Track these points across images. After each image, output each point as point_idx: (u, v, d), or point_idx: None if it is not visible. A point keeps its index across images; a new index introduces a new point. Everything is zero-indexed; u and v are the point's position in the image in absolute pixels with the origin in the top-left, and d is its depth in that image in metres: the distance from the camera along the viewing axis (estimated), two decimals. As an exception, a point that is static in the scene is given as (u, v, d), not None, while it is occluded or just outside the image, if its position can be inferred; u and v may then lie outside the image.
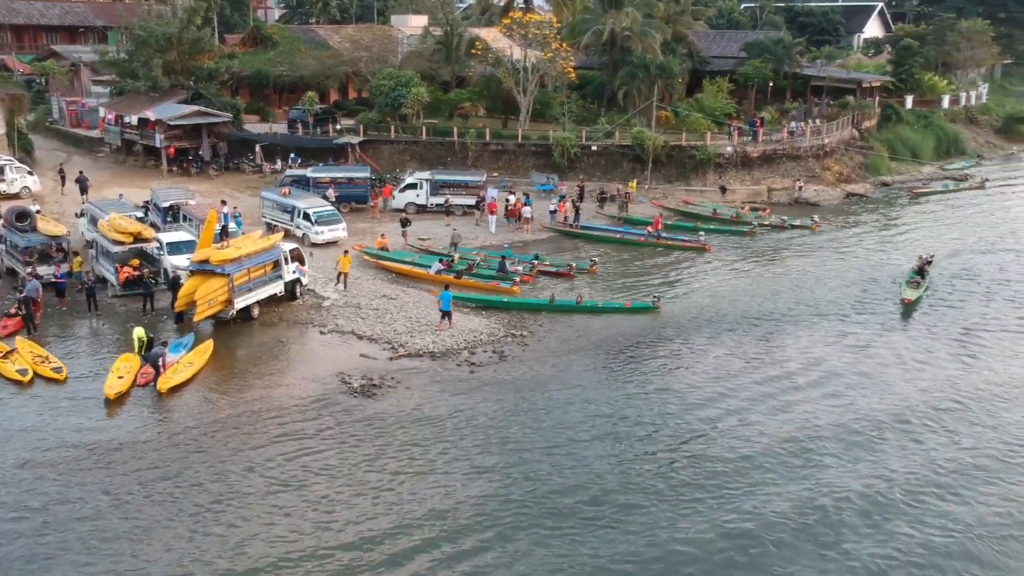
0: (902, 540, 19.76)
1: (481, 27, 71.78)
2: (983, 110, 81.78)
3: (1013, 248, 45.12)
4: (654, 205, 51.10)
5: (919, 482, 22.19)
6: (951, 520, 20.55)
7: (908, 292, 35.81)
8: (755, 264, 41.67)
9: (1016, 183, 63.83)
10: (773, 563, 18.93)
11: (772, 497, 21.32)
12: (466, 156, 55.71)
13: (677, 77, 60.93)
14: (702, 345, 31.24)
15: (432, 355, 29.63)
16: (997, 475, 22.61)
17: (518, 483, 21.85)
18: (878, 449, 23.90)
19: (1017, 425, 25.42)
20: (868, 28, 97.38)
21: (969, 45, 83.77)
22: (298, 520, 20.13)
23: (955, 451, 23.85)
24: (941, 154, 69.25)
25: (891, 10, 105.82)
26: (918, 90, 73.41)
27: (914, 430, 25.07)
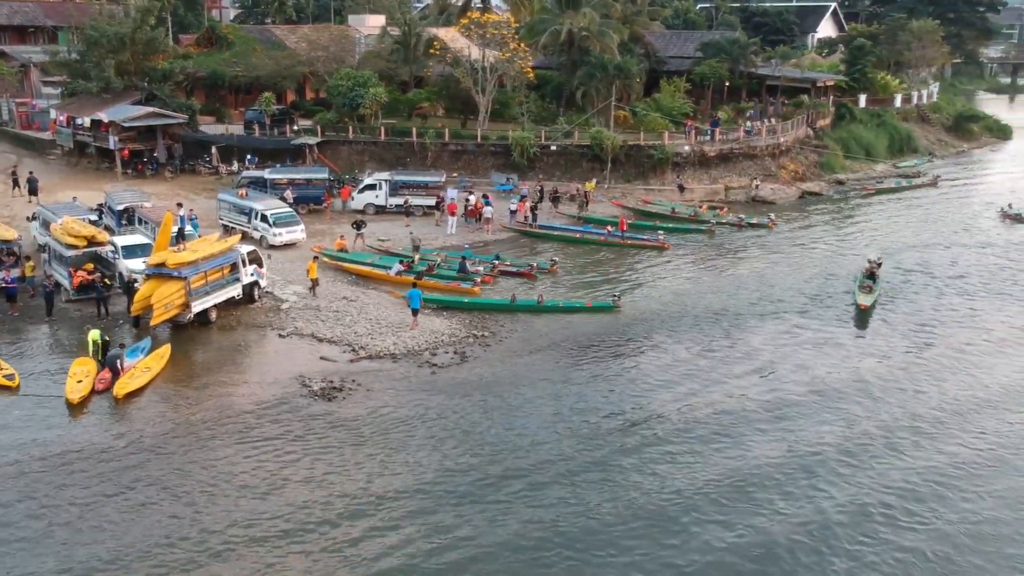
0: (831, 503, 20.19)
1: (439, 27, 71.62)
2: (934, 109, 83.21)
3: (965, 243, 45.97)
4: (613, 204, 51.34)
5: (847, 451, 22.67)
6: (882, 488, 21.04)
7: (862, 298, 35.36)
8: (713, 262, 42.04)
9: (967, 180, 65.09)
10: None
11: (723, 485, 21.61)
12: (425, 156, 55.58)
13: (635, 77, 61.28)
14: (662, 343, 31.44)
15: (393, 357, 29.51)
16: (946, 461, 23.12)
17: (481, 483, 21.86)
18: (820, 437, 24.29)
19: (970, 410, 26.01)
20: (822, 28, 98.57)
21: (920, 45, 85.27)
22: (262, 524, 19.94)
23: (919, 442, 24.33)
24: (894, 152, 70.34)
25: (844, 10, 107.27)
26: (871, 89, 74.43)
27: (861, 421, 25.53)
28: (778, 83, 68.29)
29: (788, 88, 68.51)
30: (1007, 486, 22.27)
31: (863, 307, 34.61)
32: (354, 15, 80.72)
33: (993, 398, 27.43)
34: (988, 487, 22.20)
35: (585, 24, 59.63)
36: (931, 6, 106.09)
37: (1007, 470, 23.07)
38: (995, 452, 23.97)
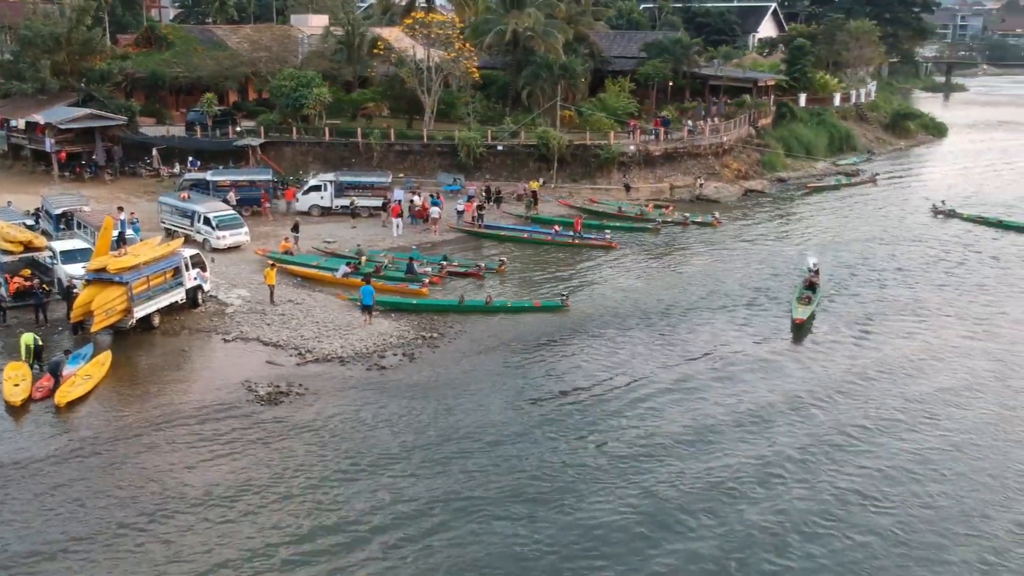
0: (791, 503, 20.51)
1: (383, 27, 71.24)
2: (872, 107, 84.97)
3: (904, 238, 47.03)
4: (560, 204, 51.57)
5: (807, 456, 23.03)
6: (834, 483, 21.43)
7: (799, 311, 33.56)
8: (660, 260, 42.44)
9: (905, 177, 66.63)
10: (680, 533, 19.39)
11: (676, 476, 21.77)
12: (371, 157, 55.24)
13: (580, 77, 61.62)
14: (610, 341, 31.62)
15: (341, 360, 29.27)
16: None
17: (428, 484, 21.75)
18: (771, 428, 24.60)
19: (915, 399, 26.57)
20: (762, 28, 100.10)
21: (858, 44, 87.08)
22: (210, 531, 19.63)
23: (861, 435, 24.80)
24: (834, 150, 71.72)
25: (784, 10, 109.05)
26: (811, 88, 75.79)
27: (809, 412, 25.93)
28: (720, 83, 69.16)
29: (730, 88, 69.43)
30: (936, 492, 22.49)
31: (798, 321, 32.78)
32: (296, 15, 79.92)
33: (935, 400, 28.03)
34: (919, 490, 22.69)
35: (530, 24, 59.80)
36: (868, 6, 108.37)
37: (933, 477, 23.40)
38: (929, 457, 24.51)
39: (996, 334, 32.90)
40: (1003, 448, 24.20)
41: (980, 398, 27.36)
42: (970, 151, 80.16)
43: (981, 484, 22.33)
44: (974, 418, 26.00)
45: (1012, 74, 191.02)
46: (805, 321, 32.95)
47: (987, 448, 24.18)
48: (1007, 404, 26.98)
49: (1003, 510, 21.21)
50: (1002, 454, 23.87)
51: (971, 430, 25.19)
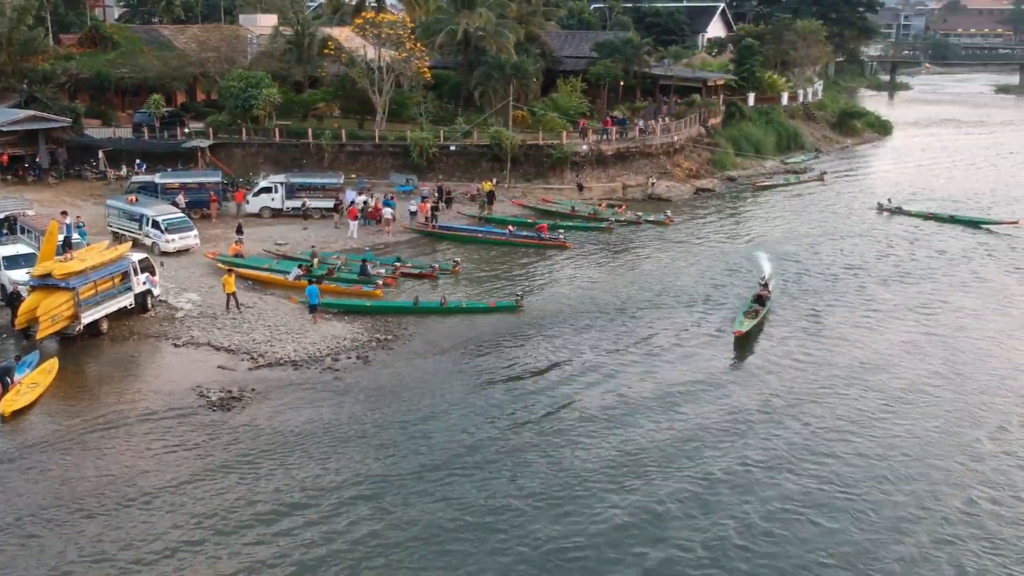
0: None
1: (333, 27, 70.70)
2: (819, 106, 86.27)
3: (851, 235, 47.76)
4: (514, 204, 51.62)
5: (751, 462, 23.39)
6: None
7: (743, 324, 32.21)
8: (613, 259, 42.69)
9: (852, 175, 67.75)
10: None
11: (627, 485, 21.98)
12: (322, 158, 54.82)
13: (532, 77, 61.73)
14: (564, 340, 31.71)
15: (294, 363, 29.00)
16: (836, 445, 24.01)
17: (385, 485, 21.64)
18: (740, 427, 24.94)
19: (873, 392, 27.05)
20: (711, 28, 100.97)
21: (805, 44, 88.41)
22: (162, 539, 19.33)
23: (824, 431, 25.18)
24: (782, 149, 72.67)
25: (732, 10, 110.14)
26: (759, 88, 76.73)
27: (768, 410, 26.30)
28: (671, 82, 69.73)
29: (681, 87, 70.04)
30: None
31: (737, 334, 31.31)
32: (245, 15, 79.01)
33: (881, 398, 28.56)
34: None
35: (481, 24, 59.77)
36: (814, 6, 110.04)
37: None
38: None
39: (944, 335, 33.49)
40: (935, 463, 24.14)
41: (925, 402, 27.86)
42: (915, 148, 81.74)
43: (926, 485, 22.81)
44: (916, 421, 26.45)
45: (954, 72, 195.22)
46: (747, 334, 31.49)
47: (926, 460, 24.13)
48: (950, 417, 27.38)
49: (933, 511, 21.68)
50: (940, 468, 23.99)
51: (913, 434, 25.64)
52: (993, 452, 24.10)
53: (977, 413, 26.44)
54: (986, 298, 37.43)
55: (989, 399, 27.38)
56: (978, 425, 25.70)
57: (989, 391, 28.00)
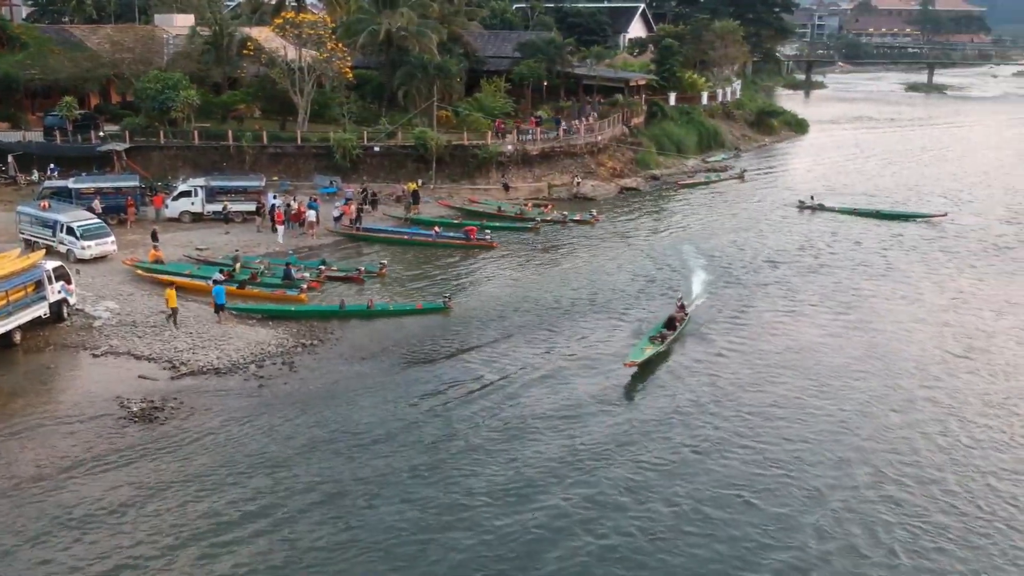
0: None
1: (252, 27, 69.43)
2: (738, 105, 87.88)
3: (773, 231, 48.92)
4: (440, 205, 51.46)
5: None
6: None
7: (642, 352, 29.51)
8: (540, 259, 42.87)
9: (771, 172, 69.24)
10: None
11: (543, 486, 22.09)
12: (243, 160, 53.87)
13: (455, 77, 61.54)
14: (493, 340, 31.75)
15: (217, 371, 28.43)
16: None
17: (308, 497, 21.35)
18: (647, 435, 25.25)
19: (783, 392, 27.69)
20: (632, 28, 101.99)
21: (723, 44, 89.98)
22: (85, 558, 18.75)
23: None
24: (703, 148, 73.80)
25: (652, 11, 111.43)
26: (680, 87, 77.80)
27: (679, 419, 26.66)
28: (594, 82, 70.25)
29: (603, 87, 70.61)
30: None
31: (629, 365, 28.60)
32: (160, 14, 77.09)
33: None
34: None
35: (403, 24, 59.39)
36: (731, 7, 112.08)
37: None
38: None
39: (860, 324, 34.53)
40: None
41: (841, 384, 28.66)
42: (830, 146, 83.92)
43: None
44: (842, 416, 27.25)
45: (866, 71, 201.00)
46: (638, 364, 28.69)
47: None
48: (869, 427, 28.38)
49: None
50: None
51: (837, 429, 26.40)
52: (899, 424, 25.72)
53: (888, 393, 27.73)
54: (901, 288, 38.84)
55: (900, 380, 28.73)
56: (887, 403, 27.08)
57: (901, 373, 29.30)
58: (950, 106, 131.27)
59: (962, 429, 25.50)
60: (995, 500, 21.79)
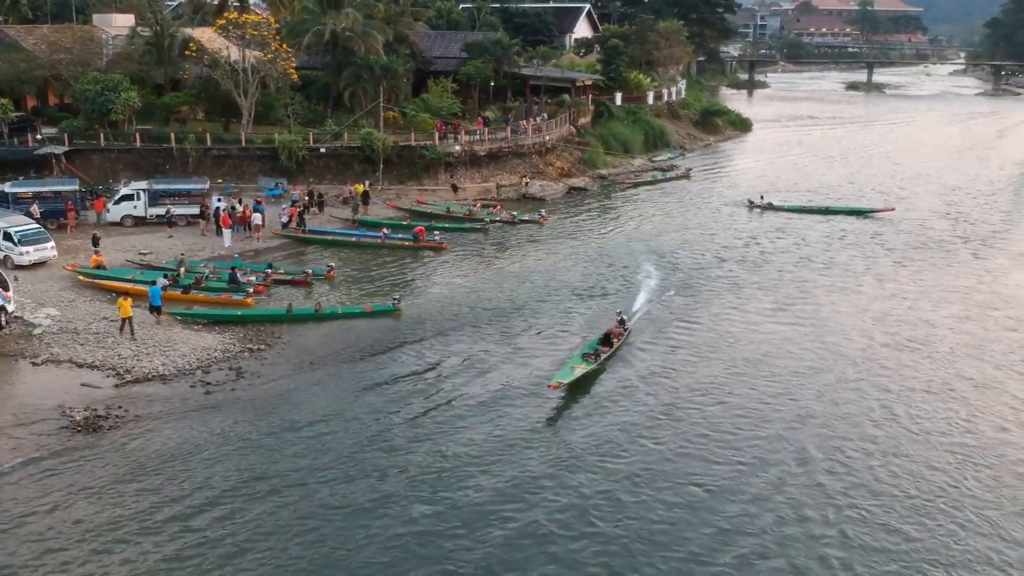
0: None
1: (195, 27, 68.36)
2: (683, 105, 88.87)
3: (721, 229, 49.44)
4: (388, 206, 51.19)
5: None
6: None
7: (571, 372, 27.73)
8: (490, 259, 42.85)
9: (716, 171, 70.09)
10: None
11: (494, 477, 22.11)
12: (186, 162, 53.05)
13: (402, 77, 61.30)
14: (443, 342, 31.61)
15: (163, 378, 27.93)
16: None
17: (257, 507, 21.08)
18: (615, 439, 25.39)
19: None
20: (578, 28, 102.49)
21: (667, 44, 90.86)
22: (16, 570, 18.30)
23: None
24: (649, 147, 74.54)
25: (598, 11, 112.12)
26: (626, 87, 78.42)
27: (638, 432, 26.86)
28: (541, 83, 70.44)
29: (550, 87, 70.83)
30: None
31: (553, 387, 26.73)
32: (99, 14, 75.46)
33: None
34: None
35: (348, 24, 58.96)
36: (675, 7, 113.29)
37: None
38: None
39: (806, 317, 35.10)
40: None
41: (786, 372, 29.13)
42: (774, 144, 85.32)
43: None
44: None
45: (807, 70, 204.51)
46: (564, 385, 26.94)
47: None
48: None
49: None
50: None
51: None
52: (824, 412, 26.54)
53: (836, 390, 28.16)
54: (844, 281, 39.76)
55: (848, 373, 29.31)
56: (834, 399, 27.56)
57: (848, 368, 29.90)
58: (889, 104, 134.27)
59: (906, 413, 26.39)
60: (936, 481, 22.51)
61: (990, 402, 27.36)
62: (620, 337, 31.06)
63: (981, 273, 41.79)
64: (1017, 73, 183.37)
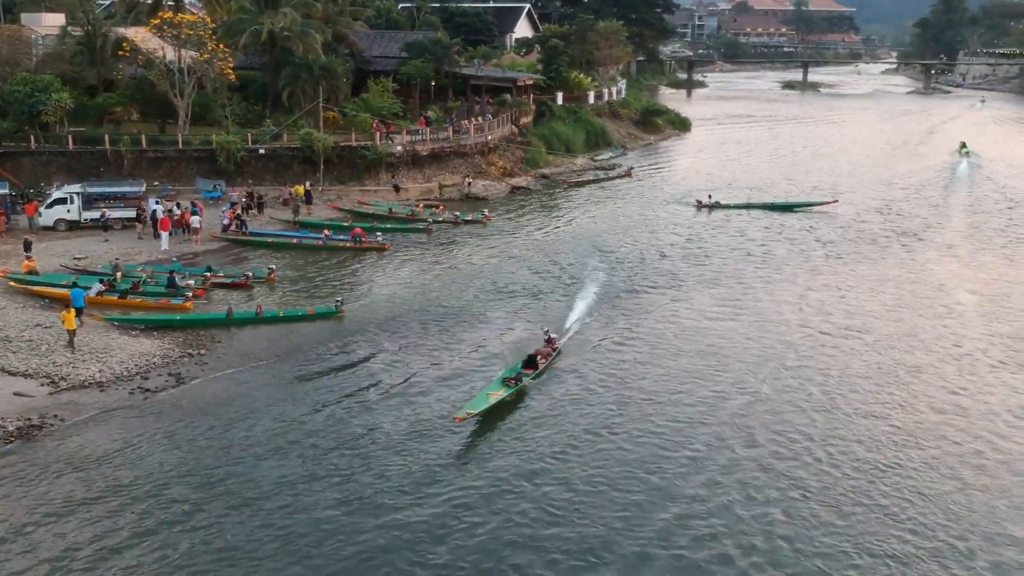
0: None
1: (128, 27, 66.96)
2: (623, 104, 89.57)
3: (663, 227, 49.97)
4: (329, 207, 50.74)
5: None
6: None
7: (484, 400, 25.45)
8: (434, 260, 42.69)
9: (657, 170, 70.78)
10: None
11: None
12: (121, 165, 51.94)
13: (341, 77, 60.82)
14: (385, 345, 31.37)
15: (100, 385, 27.32)
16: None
17: (198, 516, 20.72)
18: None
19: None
20: (519, 28, 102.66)
21: (607, 44, 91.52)
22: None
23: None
24: (591, 146, 75.01)
25: (538, 11, 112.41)
26: (567, 87, 78.76)
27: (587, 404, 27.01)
28: (482, 82, 70.42)
29: (492, 87, 70.86)
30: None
31: (457, 420, 24.20)
32: (28, 13, 73.56)
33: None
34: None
35: (286, 24, 58.27)
36: (615, 7, 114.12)
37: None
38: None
39: (750, 308, 35.64)
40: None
41: (722, 360, 29.56)
42: (713, 143, 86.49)
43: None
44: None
45: (744, 70, 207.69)
46: (475, 415, 24.54)
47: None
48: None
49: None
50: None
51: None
52: (771, 395, 27.53)
53: (776, 379, 28.66)
54: (783, 274, 40.57)
55: (787, 362, 29.82)
56: (759, 377, 28.77)
57: (788, 357, 30.57)
58: (824, 103, 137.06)
59: (842, 398, 27.31)
60: (866, 465, 23.23)
61: (924, 385, 28.43)
62: (547, 358, 28.88)
63: (912, 264, 43.09)
64: (946, 72, 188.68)
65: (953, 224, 52.01)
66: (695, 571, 18.95)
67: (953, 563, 19.19)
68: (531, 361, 28.30)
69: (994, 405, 26.99)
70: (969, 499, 21.60)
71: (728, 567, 19.03)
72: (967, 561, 19.26)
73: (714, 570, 18.95)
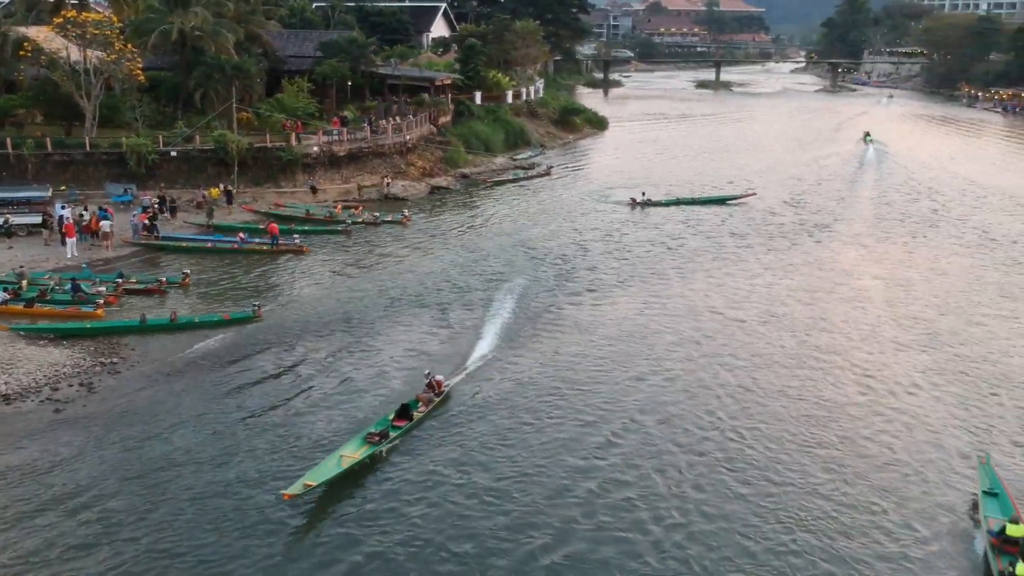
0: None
1: (29, 26, 64.64)
2: (542, 104, 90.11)
3: (583, 225, 50.18)
4: (244, 210, 49.78)
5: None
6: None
7: (337, 464, 21.73)
8: (354, 262, 42.21)
9: (577, 168, 71.35)
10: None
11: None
12: (25, 169, 50.04)
13: (255, 77, 59.71)
14: (305, 348, 30.89)
15: (6, 397, 26.26)
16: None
17: (115, 531, 20.14)
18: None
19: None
20: (435, 28, 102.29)
21: (524, 43, 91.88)
22: None
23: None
24: (510, 145, 75.22)
25: (454, 10, 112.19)
26: (485, 87, 78.84)
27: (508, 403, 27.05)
28: (399, 82, 69.98)
29: (409, 87, 70.47)
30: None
31: (287, 496, 20.26)
32: (-81, 12, 70.51)
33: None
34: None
35: (197, 23, 56.94)
36: (531, 7, 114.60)
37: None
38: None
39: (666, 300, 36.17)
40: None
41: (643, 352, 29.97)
42: (630, 141, 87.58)
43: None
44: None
45: (659, 69, 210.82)
46: (311, 489, 20.59)
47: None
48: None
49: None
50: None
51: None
52: (683, 376, 28.27)
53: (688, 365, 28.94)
54: (705, 264, 41.35)
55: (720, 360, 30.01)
56: (673, 359, 28.79)
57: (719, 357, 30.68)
58: (736, 101, 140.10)
59: (750, 379, 28.57)
60: (772, 438, 24.53)
61: (831, 364, 30.01)
62: (429, 403, 25.59)
63: (820, 253, 44.87)
64: (852, 70, 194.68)
65: (860, 215, 54.27)
66: (614, 539, 19.84)
67: (852, 525, 20.47)
68: (405, 412, 24.64)
69: (899, 380, 28.78)
70: (873, 466, 23.19)
71: (644, 533, 20.01)
72: (870, 516, 20.84)
73: (631, 537, 19.87)
